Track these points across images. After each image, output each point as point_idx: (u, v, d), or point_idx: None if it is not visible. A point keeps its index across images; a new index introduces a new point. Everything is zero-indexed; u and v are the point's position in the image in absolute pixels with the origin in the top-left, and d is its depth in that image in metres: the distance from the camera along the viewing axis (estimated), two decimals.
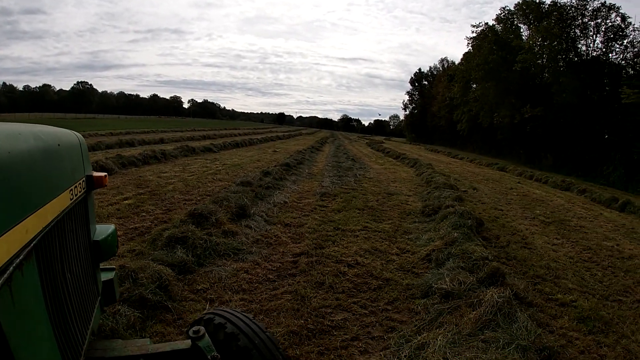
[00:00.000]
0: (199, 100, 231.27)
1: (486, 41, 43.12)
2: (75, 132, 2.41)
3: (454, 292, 4.98)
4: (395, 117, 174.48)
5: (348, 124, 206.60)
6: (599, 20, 33.42)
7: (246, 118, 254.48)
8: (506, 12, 44.15)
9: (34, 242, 1.47)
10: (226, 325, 2.61)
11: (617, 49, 33.15)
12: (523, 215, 11.59)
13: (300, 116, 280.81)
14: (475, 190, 15.63)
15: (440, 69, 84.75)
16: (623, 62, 32.47)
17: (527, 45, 36.27)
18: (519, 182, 20.52)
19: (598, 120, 29.97)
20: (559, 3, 34.93)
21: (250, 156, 22.28)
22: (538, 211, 12.39)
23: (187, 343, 2.50)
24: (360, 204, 10.76)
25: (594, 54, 33.97)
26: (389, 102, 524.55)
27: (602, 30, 33.56)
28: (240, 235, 6.99)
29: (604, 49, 33.60)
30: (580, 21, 33.96)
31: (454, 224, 7.88)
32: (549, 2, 36.85)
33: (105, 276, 2.77)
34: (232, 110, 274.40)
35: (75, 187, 2.12)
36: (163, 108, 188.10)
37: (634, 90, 24.42)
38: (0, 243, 1.24)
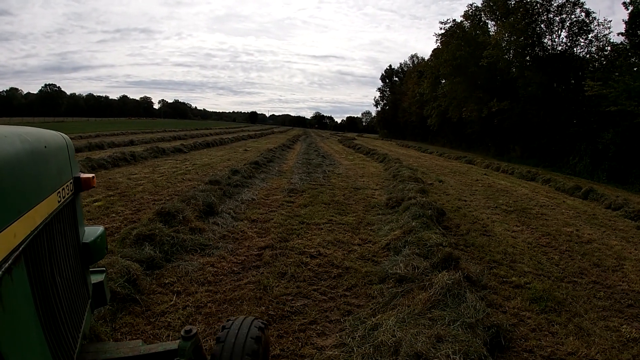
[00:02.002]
0: (170, 101, 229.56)
1: (454, 37, 43.67)
2: (62, 134, 2.37)
3: (407, 277, 5.30)
4: (368, 113, 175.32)
5: (321, 121, 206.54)
6: (564, 16, 34.36)
7: (218, 117, 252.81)
8: (474, 8, 45.00)
9: (22, 246, 1.47)
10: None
11: (581, 43, 34.18)
12: (486, 205, 11.95)
13: (273, 114, 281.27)
14: (441, 183, 16.10)
15: (411, 65, 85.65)
16: (587, 55, 33.49)
17: (493, 41, 36.99)
18: (485, 174, 21.11)
19: (564, 112, 30.65)
20: None
21: (220, 156, 22.36)
22: (501, 201, 12.78)
23: (178, 343, 2.48)
24: (326, 198, 11.04)
25: (559, 48, 34.86)
26: (361, 99, 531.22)
27: (567, 26, 34.45)
28: (207, 232, 7.18)
29: (568, 44, 34.54)
30: (545, 17, 34.84)
31: (414, 214, 8.23)
32: None
33: (95, 278, 2.79)
34: (204, 110, 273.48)
35: (63, 189, 2.11)
36: (133, 109, 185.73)
37: (596, 83, 24.83)
38: None
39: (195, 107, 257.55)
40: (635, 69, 24.72)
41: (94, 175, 2.59)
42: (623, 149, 23.80)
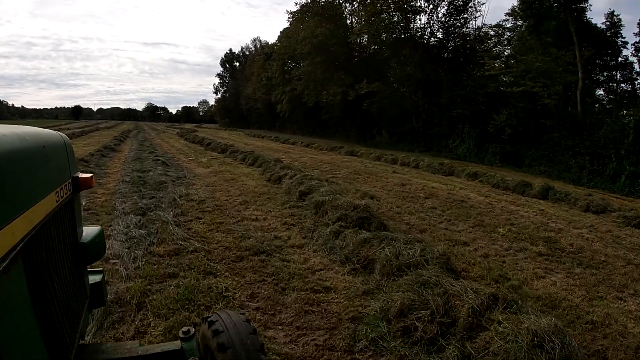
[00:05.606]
0: None
1: (310, 15, 39.11)
2: (61, 133, 2.26)
3: None
4: (205, 102, 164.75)
5: (154, 113, 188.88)
6: None
7: (39, 115, 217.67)
8: None
9: (20, 245, 1.40)
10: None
11: (461, 23, 31.36)
12: (501, 247, 6.79)
13: (101, 108, 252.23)
14: (374, 200, 10.01)
15: (253, 49, 79.49)
16: (469, 37, 30.84)
17: (354, 20, 33.14)
18: (394, 172, 16.15)
19: (444, 93, 27.74)
20: None
21: None
22: (500, 230, 7.97)
23: (177, 344, 2.44)
24: None
25: (435, 27, 31.87)
26: (196, 88, 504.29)
27: (446, 4, 31.36)
28: None
29: (447, 23, 31.50)
30: None
31: None
32: None
33: (93, 279, 2.62)
34: (22, 107, 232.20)
35: (62, 188, 2.02)
36: None
37: (495, 61, 23.31)
38: None
39: (13, 105, 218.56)
40: (535, 50, 22.87)
41: (92, 175, 2.48)
42: (519, 130, 22.02)
